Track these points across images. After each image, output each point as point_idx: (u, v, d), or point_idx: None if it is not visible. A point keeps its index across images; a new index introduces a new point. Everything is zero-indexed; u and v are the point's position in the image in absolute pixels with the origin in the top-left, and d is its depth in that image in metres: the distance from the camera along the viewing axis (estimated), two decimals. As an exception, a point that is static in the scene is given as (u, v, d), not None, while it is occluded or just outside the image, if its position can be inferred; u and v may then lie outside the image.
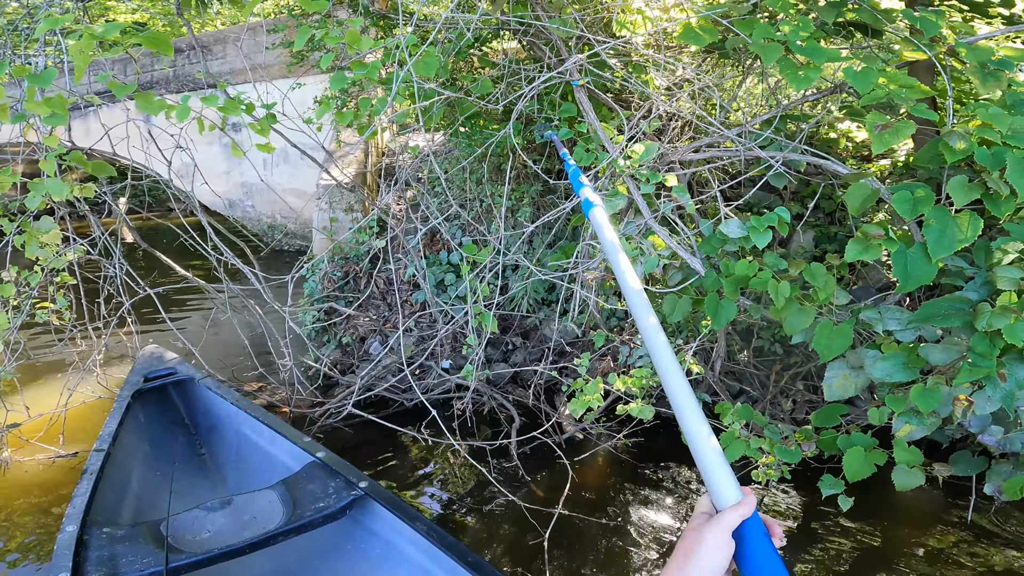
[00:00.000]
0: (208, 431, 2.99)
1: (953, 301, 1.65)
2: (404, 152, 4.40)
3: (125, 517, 2.34)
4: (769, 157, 2.30)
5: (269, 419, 2.72)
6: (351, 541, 2.22)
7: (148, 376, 3.01)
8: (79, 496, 2.15)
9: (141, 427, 2.83)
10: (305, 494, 2.19)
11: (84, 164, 2.77)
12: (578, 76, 2.49)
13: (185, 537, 2.05)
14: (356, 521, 2.21)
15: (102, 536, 1.98)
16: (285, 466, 2.54)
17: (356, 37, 2.46)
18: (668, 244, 2.32)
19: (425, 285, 4.00)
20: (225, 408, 2.91)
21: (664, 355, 0.78)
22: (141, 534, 2.01)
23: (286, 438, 2.58)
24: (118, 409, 2.75)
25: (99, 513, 2.14)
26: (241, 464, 2.81)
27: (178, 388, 3.07)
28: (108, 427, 2.61)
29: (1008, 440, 1.76)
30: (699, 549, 0.62)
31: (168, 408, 3.04)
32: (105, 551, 1.90)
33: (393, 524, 2.11)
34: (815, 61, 1.98)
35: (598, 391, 2.49)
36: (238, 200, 7.64)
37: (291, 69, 4.04)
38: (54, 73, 2.38)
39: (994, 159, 1.70)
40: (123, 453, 2.57)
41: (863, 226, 1.74)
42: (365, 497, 2.17)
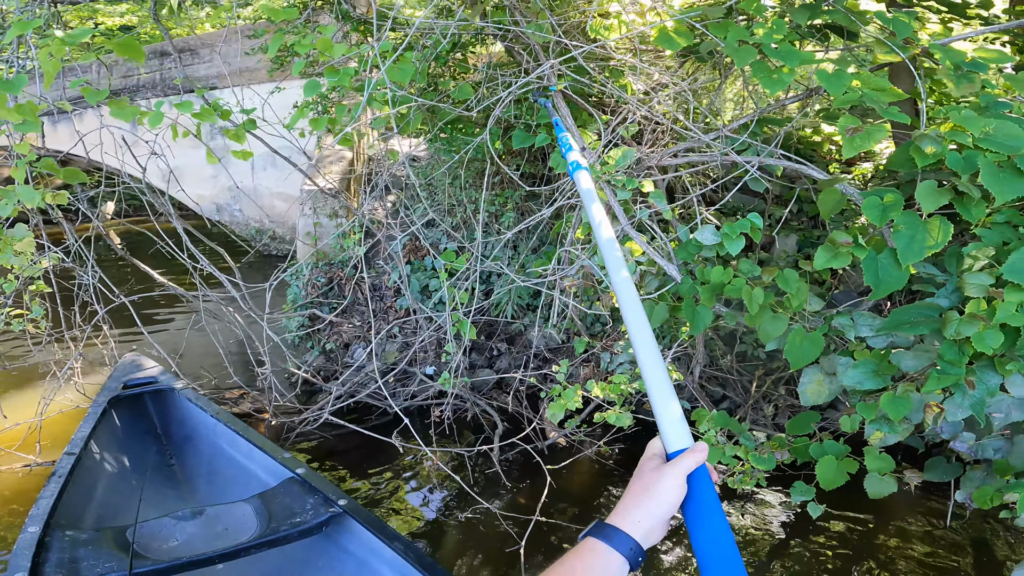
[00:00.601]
0: (181, 442, 2.95)
1: (923, 308, 1.64)
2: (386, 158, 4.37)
3: (89, 522, 2.30)
4: (745, 162, 2.29)
5: (248, 433, 2.68)
6: (324, 558, 2.19)
7: (127, 383, 2.98)
8: (44, 498, 2.12)
9: (114, 434, 2.79)
10: (281, 508, 2.15)
11: (56, 171, 2.74)
12: (555, 81, 2.47)
13: (152, 544, 2.01)
14: (331, 539, 2.17)
15: (64, 539, 1.94)
16: (261, 481, 2.50)
17: (329, 44, 2.44)
18: (645, 250, 2.30)
19: (407, 291, 3.98)
20: (202, 419, 2.87)
21: (632, 305, 0.84)
22: (105, 539, 1.97)
23: (265, 452, 2.53)
24: (93, 414, 2.71)
25: (63, 516, 2.10)
26: (213, 477, 2.77)
27: (154, 397, 3.03)
28: (81, 431, 2.58)
29: (980, 447, 1.76)
30: (657, 487, 0.66)
31: (142, 417, 3.01)
32: (67, 554, 1.86)
33: (370, 543, 2.07)
34: (788, 64, 1.97)
35: (576, 396, 2.48)
36: (225, 204, 7.59)
37: (272, 74, 4.02)
38: (24, 80, 2.35)
39: (965, 163, 1.69)
40: (93, 458, 2.54)
41: (832, 233, 1.73)
42: (343, 515, 2.12)
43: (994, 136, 1.65)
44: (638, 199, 2.37)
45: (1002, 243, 1.64)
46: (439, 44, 2.73)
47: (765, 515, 2.85)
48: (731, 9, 2.22)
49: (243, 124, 3.01)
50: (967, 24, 2.56)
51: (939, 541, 2.67)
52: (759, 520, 2.82)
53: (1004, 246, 1.63)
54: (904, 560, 2.58)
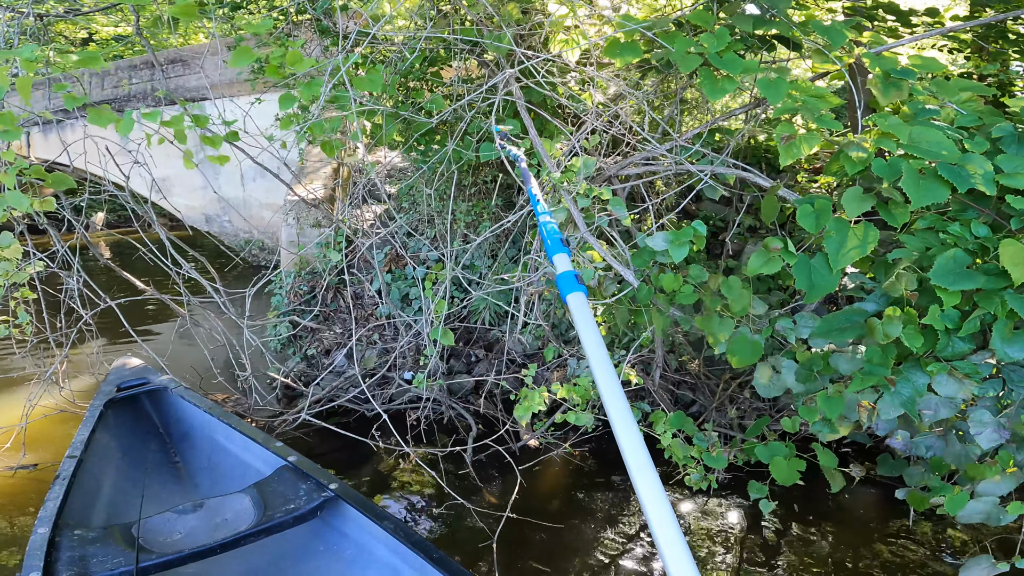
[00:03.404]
0: (181, 439, 3.03)
1: (851, 314, 1.71)
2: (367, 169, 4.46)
3: (96, 521, 2.37)
4: (698, 171, 2.37)
5: (242, 426, 2.76)
6: (322, 542, 2.27)
7: (121, 385, 3.05)
8: (51, 500, 2.19)
9: (114, 435, 2.86)
10: (276, 496, 2.23)
11: (44, 177, 2.82)
12: (516, 90, 2.56)
13: (156, 539, 2.09)
14: (327, 522, 2.26)
15: (73, 538, 2.01)
16: (257, 471, 2.59)
17: (298, 57, 2.53)
18: (603, 257, 2.38)
19: (387, 299, 4.05)
20: (198, 416, 2.95)
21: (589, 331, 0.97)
22: (112, 536, 2.05)
23: (258, 443, 2.62)
24: (91, 417, 2.78)
25: (71, 517, 2.18)
26: (214, 470, 2.84)
27: (151, 397, 3.10)
28: (81, 434, 2.65)
29: (914, 445, 1.82)
30: None
31: (141, 417, 3.07)
32: (76, 552, 1.94)
33: (363, 525, 2.16)
34: (730, 72, 2.06)
35: (540, 398, 2.54)
36: (215, 215, 7.68)
37: (255, 87, 4.11)
38: (2, 89, 2.43)
39: (890, 169, 1.76)
40: (95, 460, 2.61)
41: (766, 239, 1.81)
42: (335, 499, 2.21)
43: (918, 143, 1.74)
44: (596, 206, 2.45)
45: (925, 248, 1.71)
46: (410, 58, 2.82)
47: (736, 516, 2.91)
48: (681, 22, 2.31)
49: (226, 135, 3.09)
50: (912, 32, 2.66)
51: (900, 536, 2.73)
52: (729, 520, 2.88)
53: (927, 251, 1.71)
54: (866, 556, 2.64)
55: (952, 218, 1.65)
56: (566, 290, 1.08)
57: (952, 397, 1.54)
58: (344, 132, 3.50)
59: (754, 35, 2.37)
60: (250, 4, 4.06)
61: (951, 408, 1.72)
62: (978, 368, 1.50)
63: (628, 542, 2.74)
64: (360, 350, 4.13)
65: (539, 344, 3.84)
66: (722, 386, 3.12)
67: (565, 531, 2.78)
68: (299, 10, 3.47)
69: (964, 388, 1.51)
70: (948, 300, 1.55)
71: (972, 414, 1.58)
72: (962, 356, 1.54)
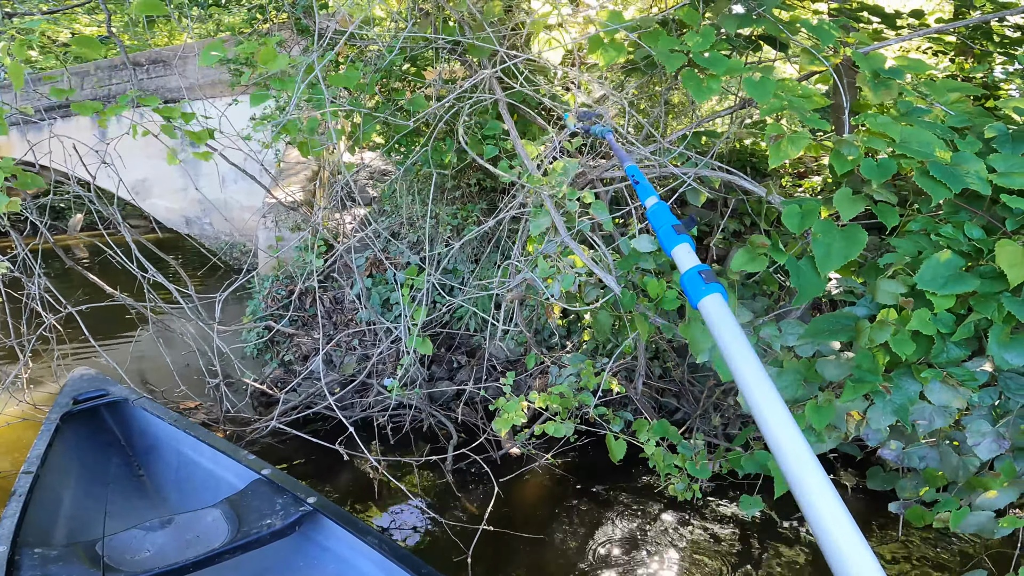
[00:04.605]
0: (146, 452, 2.91)
1: (840, 317, 1.64)
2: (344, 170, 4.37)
3: (58, 538, 2.26)
4: (682, 173, 2.31)
5: (210, 438, 2.66)
6: (303, 558, 2.19)
7: (78, 398, 2.91)
8: (8, 517, 2.07)
9: (72, 449, 2.74)
10: (251, 511, 2.14)
11: (19, 174, 2.71)
12: (498, 90, 2.49)
13: (123, 557, 1.99)
14: (307, 537, 2.17)
15: (34, 557, 1.91)
16: (230, 484, 2.48)
17: (272, 54, 2.44)
18: (585, 262, 2.31)
19: (366, 304, 3.94)
20: (163, 428, 2.84)
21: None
22: (76, 554, 1.94)
23: (229, 456, 2.52)
24: (46, 431, 2.66)
25: (30, 535, 2.07)
26: (183, 484, 2.73)
27: (111, 409, 2.97)
28: (36, 449, 2.52)
29: (906, 455, 1.75)
30: None
31: (101, 430, 2.94)
32: (38, 571, 1.84)
33: (345, 539, 2.08)
34: (715, 71, 2.00)
35: (519, 409, 2.46)
36: (195, 217, 7.52)
37: (233, 87, 4.01)
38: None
39: (880, 170, 1.71)
40: (53, 475, 2.48)
41: (752, 236, 1.74)
42: (314, 513, 2.13)
43: (909, 142, 1.68)
44: (577, 211, 2.38)
45: (917, 252, 1.66)
46: (389, 57, 2.74)
47: (721, 526, 2.82)
48: (666, 21, 2.26)
49: (202, 131, 2.99)
50: (898, 34, 2.63)
51: (891, 548, 2.66)
52: (713, 531, 2.80)
53: (919, 255, 1.65)
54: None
55: (944, 220, 1.59)
56: (696, 294, 0.78)
57: (946, 405, 1.48)
58: (323, 132, 3.41)
59: (740, 35, 2.32)
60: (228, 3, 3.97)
61: (946, 417, 1.66)
62: (974, 375, 1.43)
63: (609, 555, 2.65)
64: (339, 356, 4.01)
65: (521, 351, 3.75)
66: (706, 393, 3.05)
67: (545, 543, 2.69)
68: (277, 7, 3.38)
69: (959, 396, 1.44)
70: (940, 304, 1.49)
71: (970, 424, 1.51)
72: (957, 362, 1.47)
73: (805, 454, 0.57)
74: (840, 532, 0.52)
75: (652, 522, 2.85)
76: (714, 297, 0.76)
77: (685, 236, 0.91)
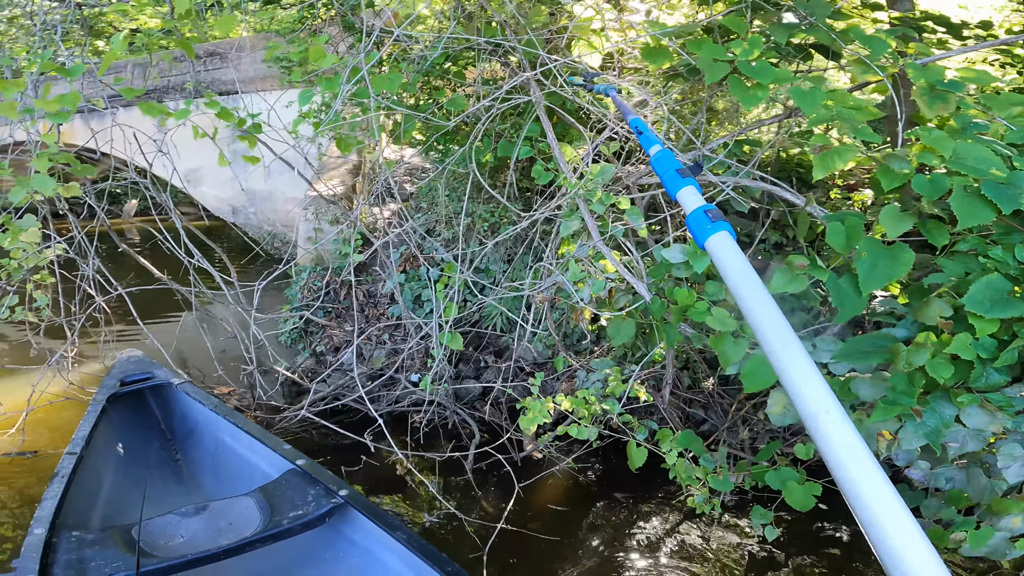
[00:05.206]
0: (185, 437, 2.95)
1: (877, 338, 1.59)
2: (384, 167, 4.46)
3: (95, 522, 2.29)
4: (721, 182, 2.27)
5: (248, 426, 2.67)
6: (330, 549, 2.19)
7: (125, 380, 2.97)
8: (48, 499, 2.11)
9: (115, 431, 2.78)
10: (283, 501, 2.14)
11: (74, 162, 2.86)
12: (537, 92, 2.50)
13: (157, 542, 2.01)
14: (335, 529, 2.18)
15: (71, 540, 1.94)
16: (264, 473, 2.50)
17: (321, 53, 2.52)
18: (616, 267, 2.30)
19: (400, 299, 4.02)
20: (203, 414, 2.86)
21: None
22: (111, 538, 1.97)
23: (266, 445, 2.53)
24: (92, 412, 2.71)
25: (69, 516, 2.10)
26: (219, 470, 2.76)
27: (155, 393, 3.02)
28: (81, 430, 2.56)
29: (933, 476, 1.69)
30: None
31: (144, 413, 3.00)
32: (74, 555, 1.86)
33: (373, 533, 2.07)
34: (762, 80, 1.96)
35: (545, 410, 2.46)
36: (241, 207, 7.78)
37: (283, 83, 4.14)
38: (82, 68, 2.47)
39: (932, 186, 1.65)
40: (95, 457, 2.53)
41: (789, 256, 1.70)
42: (345, 505, 2.12)
43: (963, 158, 1.61)
44: (610, 216, 2.37)
45: (964, 273, 1.59)
46: (431, 58, 2.79)
47: (740, 541, 2.77)
48: (710, 28, 2.23)
49: (249, 128, 3.11)
50: (963, 45, 2.52)
51: None
52: (732, 545, 2.74)
53: (966, 276, 1.59)
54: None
55: (995, 241, 1.52)
56: (702, 233, 0.74)
57: (982, 430, 1.42)
58: (364, 129, 3.49)
59: (789, 44, 2.27)
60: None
61: (979, 441, 1.59)
62: (1012, 401, 1.37)
63: (623, 562, 2.63)
64: (369, 349, 4.09)
65: (549, 353, 3.75)
66: (736, 406, 2.99)
67: (560, 546, 2.69)
68: (326, 4, 3.48)
69: (995, 421, 1.38)
70: (983, 328, 1.43)
71: (1002, 447, 1.45)
72: (996, 388, 1.41)
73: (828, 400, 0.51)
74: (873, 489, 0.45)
75: (669, 533, 2.82)
76: (721, 235, 0.72)
77: (690, 179, 0.88)
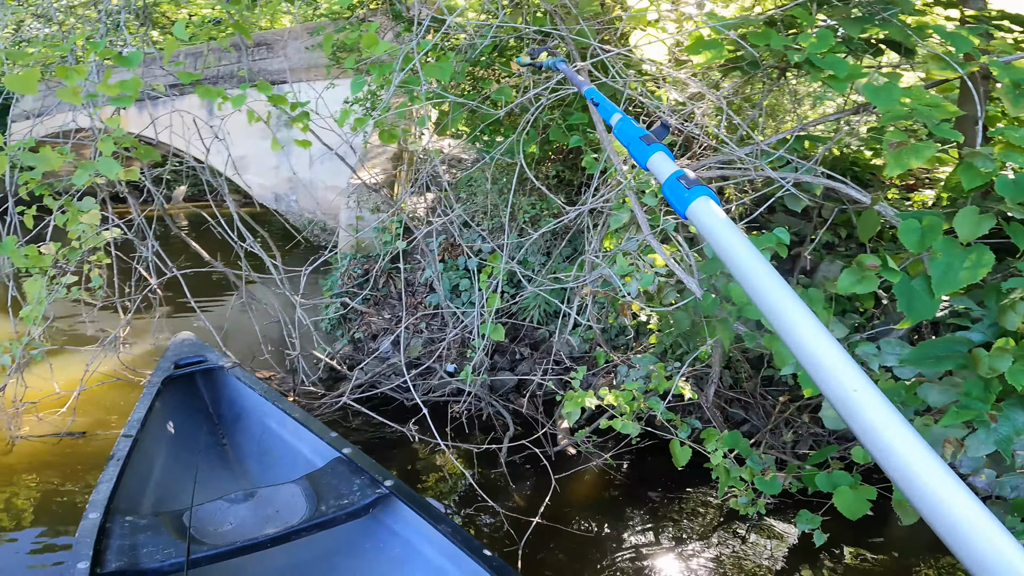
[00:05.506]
0: (232, 421, 2.96)
1: (951, 342, 1.52)
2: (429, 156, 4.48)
3: (147, 506, 2.32)
4: (780, 178, 2.20)
5: (296, 412, 2.65)
6: (370, 540, 2.17)
7: (179, 363, 2.99)
8: (104, 483, 2.13)
9: (168, 415, 2.80)
10: (329, 490, 2.14)
11: (137, 146, 2.96)
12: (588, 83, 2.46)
13: (207, 529, 2.01)
14: (378, 520, 2.15)
15: (124, 524, 1.96)
16: (308, 461, 2.49)
17: (374, 40, 2.54)
18: (666, 262, 2.25)
19: (439, 288, 4.04)
20: (251, 399, 2.85)
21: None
22: (163, 524, 1.98)
23: (312, 432, 2.50)
24: (148, 395, 2.73)
25: (122, 501, 2.12)
26: (264, 456, 2.76)
27: (205, 376, 3.03)
28: (137, 413, 2.59)
29: (999, 484, 1.61)
30: None
31: (194, 396, 3.01)
32: (127, 540, 1.88)
33: (416, 524, 2.04)
34: (837, 73, 1.89)
35: (590, 396, 2.44)
36: (283, 194, 7.96)
37: (330, 71, 4.20)
38: (140, 56, 2.55)
39: (1016, 186, 1.56)
40: (149, 440, 2.54)
41: (859, 256, 1.64)
42: (390, 496, 2.10)
43: (1050, 160, 1.53)
44: (662, 209, 2.32)
45: (1049, 277, 1.50)
46: (480, 47, 2.78)
47: (784, 545, 2.70)
48: (773, 20, 2.15)
49: (298, 116, 3.16)
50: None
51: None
52: (775, 549, 2.67)
53: (1050, 280, 1.50)
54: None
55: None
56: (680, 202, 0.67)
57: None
58: (409, 118, 3.51)
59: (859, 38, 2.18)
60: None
61: (1057, 456, 1.51)
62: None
63: (658, 562, 2.59)
64: (407, 338, 4.13)
65: (587, 347, 3.72)
66: (779, 408, 2.91)
67: (594, 543, 2.66)
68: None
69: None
70: (1071, 337, 1.35)
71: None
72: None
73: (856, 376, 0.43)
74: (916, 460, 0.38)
75: (706, 534, 2.76)
76: (702, 200, 0.65)
77: (658, 145, 0.79)
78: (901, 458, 0.39)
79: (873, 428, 0.41)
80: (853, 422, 0.42)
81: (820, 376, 0.45)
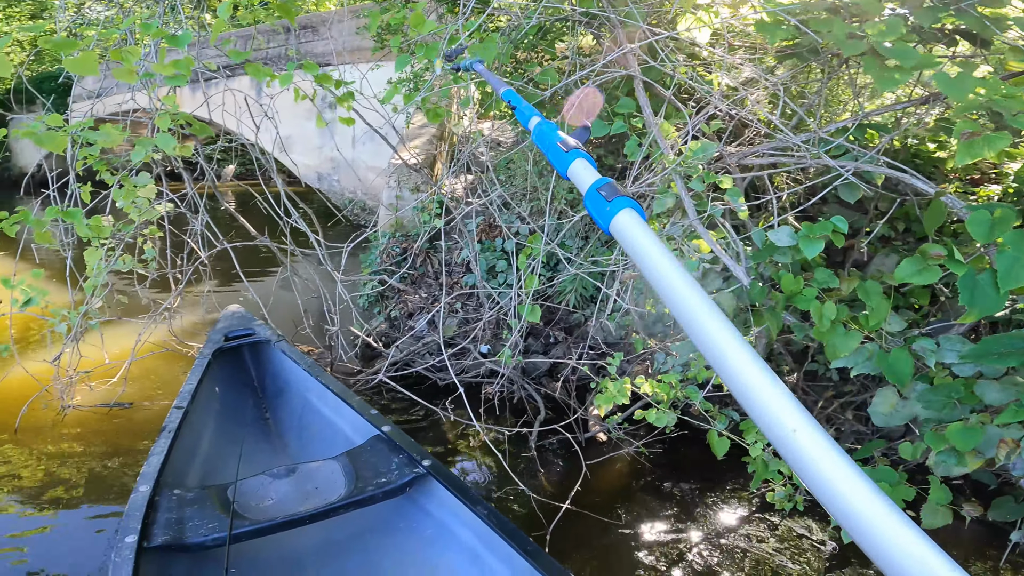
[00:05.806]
0: (275, 395, 2.99)
1: (1015, 339, 1.44)
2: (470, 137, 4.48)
3: (194, 479, 2.35)
4: (839, 167, 2.12)
5: (337, 387, 2.67)
6: (405, 519, 2.19)
7: (229, 335, 3.03)
8: (155, 455, 2.15)
9: (216, 387, 2.84)
10: (368, 468, 2.14)
11: (193, 122, 3.06)
12: (635, 67, 2.41)
13: (249, 503, 2.04)
14: (413, 500, 2.16)
15: (172, 498, 1.99)
16: (347, 438, 2.51)
17: (421, 19, 2.54)
18: (712, 248, 2.20)
19: (476, 269, 4.06)
20: (295, 373, 2.87)
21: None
22: (209, 498, 2.01)
23: (352, 408, 2.52)
24: (199, 367, 2.76)
25: (170, 474, 2.15)
26: (303, 432, 2.77)
27: (252, 350, 3.07)
28: (189, 384, 2.63)
29: None
30: None
31: (241, 370, 3.05)
32: (173, 514, 1.91)
33: (450, 505, 2.04)
34: (904, 63, 1.80)
35: (624, 390, 2.43)
36: (326, 174, 8.12)
37: (375, 52, 4.23)
38: (190, 36, 2.63)
39: (1096, 182, 1.46)
40: (199, 413, 2.57)
41: (924, 245, 1.57)
42: (426, 476, 2.09)
43: None
44: (709, 195, 2.26)
45: None
46: (525, 27, 2.75)
47: (817, 543, 2.65)
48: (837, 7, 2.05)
49: (343, 96, 3.20)
50: None
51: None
52: (807, 546, 2.63)
53: None
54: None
55: None
56: (603, 216, 0.60)
57: None
58: (452, 98, 3.51)
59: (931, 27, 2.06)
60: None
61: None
62: None
63: (686, 553, 2.57)
64: (443, 317, 4.18)
65: (623, 333, 3.69)
66: (822, 403, 2.83)
67: (622, 531, 2.66)
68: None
69: None
70: None
71: None
72: None
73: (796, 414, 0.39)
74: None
75: (735, 527, 2.73)
76: (626, 214, 0.58)
77: (577, 152, 0.71)
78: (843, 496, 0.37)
79: (814, 465, 0.38)
80: (792, 461, 0.39)
81: (755, 410, 0.42)
